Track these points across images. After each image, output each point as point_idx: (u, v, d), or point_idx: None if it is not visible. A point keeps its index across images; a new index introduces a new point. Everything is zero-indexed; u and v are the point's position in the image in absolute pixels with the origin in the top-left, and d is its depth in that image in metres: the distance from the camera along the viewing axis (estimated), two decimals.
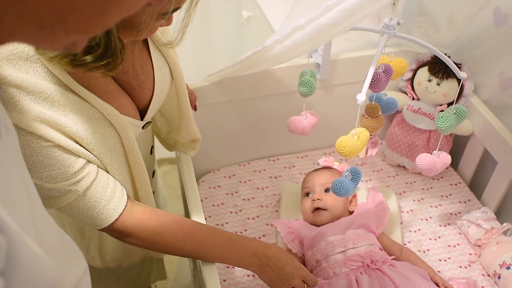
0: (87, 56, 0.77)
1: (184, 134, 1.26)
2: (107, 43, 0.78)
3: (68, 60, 0.78)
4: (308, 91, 1.21)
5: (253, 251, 1.08)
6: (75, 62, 0.78)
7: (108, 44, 0.78)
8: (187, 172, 1.26)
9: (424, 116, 1.55)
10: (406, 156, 1.62)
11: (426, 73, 1.53)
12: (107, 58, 0.79)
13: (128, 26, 0.80)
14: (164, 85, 1.08)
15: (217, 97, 1.46)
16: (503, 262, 1.31)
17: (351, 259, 1.23)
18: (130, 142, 0.98)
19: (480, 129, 1.50)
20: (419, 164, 1.18)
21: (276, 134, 1.63)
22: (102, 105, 0.91)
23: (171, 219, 1.03)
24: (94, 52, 0.77)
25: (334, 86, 1.56)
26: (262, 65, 1.28)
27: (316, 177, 1.41)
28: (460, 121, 1.12)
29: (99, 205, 0.93)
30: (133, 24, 0.80)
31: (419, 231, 1.48)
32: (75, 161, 0.88)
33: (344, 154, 1.02)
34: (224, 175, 1.62)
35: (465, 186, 1.59)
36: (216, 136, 1.56)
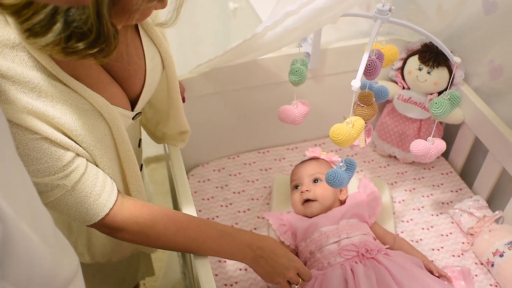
0: (80, 43, 0.74)
1: (173, 126, 1.23)
2: (99, 29, 0.75)
3: (60, 48, 0.74)
4: (299, 80, 1.18)
5: (247, 243, 1.06)
6: (68, 50, 0.75)
7: (100, 30, 0.75)
8: (177, 165, 1.24)
9: (415, 105, 1.54)
10: (397, 146, 1.60)
11: (416, 62, 1.52)
12: (101, 44, 0.76)
13: (120, 9, 0.77)
14: (155, 74, 1.05)
15: (205, 88, 1.43)
16: (496, 250, 1.31)
17: (345, 249, 1.22)
18: (120, 134, 0.95)
19: (471, 117, 1.49)
20: (413, 150, 1.17)
21: (266, 126, 1.61)
22: (92, 96, 0.88)
23: (162, 213, 1.01)
24: (86, 38, 0.74)
25: (324, 76, 1.54)
26: (252, 53, 1.25)
27: (303, 168, 1.39)
28: (454, 107, 1.11)
29: (88, 200, 0.90)
30: (125, 6, 0.77)
31: (411, 221, 1.46)
32: (63, 154, 0.85)
33: (338, 142, 1.00)
34: (214, 168, 1.59)
35: (456, 175, 1.59)
36: (205, 129, 1.53)
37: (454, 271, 1.28)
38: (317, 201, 1.32)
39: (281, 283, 1.08)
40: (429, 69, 1.49)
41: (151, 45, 1.02)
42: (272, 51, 1.31)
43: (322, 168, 1.38)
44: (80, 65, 0.87)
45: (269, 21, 1.09)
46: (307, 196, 1.33)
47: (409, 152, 1.59)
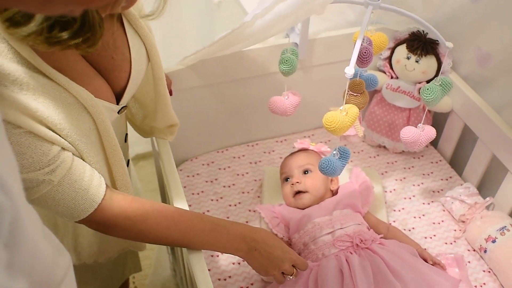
0: (64, 33, 0.72)
1: (161, 120, 1.21)
2: (84, 17, 0.72)
3: (43, 38, 0.71)
4: (289, 69, 1.17)
5: (240, 235, 1.04)
6: (51, 40, 0.72)
7: (85, 18, 0.72)
8: (166, 159, 1.21)
9: (404, 94, 1.53)
10: (386, 136, 1.60)
11: (404, 50, 1.51)
12: (85, 33, 0.74)
13: None
14: (140, 66, 1.02)
15: (193, 81, 1.41)
16: (489, 236, 1.31)
17: (340, 239, 1.21)
18: (105, 128, 0.92)
19: (460, 105, 1.49)
20: (403, 137, 1.16)
21: (254, 118, 1.59)
22: (76, 89, 0.85)
23: (153, 207, 0.98)
24: (70, 27, 0.72)
25: (313, 66, 1.53)
26: (240, 43, 1.23)
27: (292, 160, 1.38)
28: (445, 93, 1.10)
29: (76, 195, 0.87)
30: None
31: (403, 210, 1.46)
32: (49, 148, 0.82)
33: (331, 130, 0.99)
34: (203, 162, 1.57)
35: (445, 163, 1.59)
36: (193, 123, 1.51)
37: (448, 259, 1.28)
38: (308, 192, 1.31)
39: (276, 275, 1.06)
40: (417, 57, 1.49)
41: (136, 37, 1.00)
42: (260, 41, 1.29)
43: (311, 159, 1.36)
44: (63, 57, 0.84)
45: (259, 9, 1.07)
46: (298, 188, 1.32)
47: (398, 141, 1.59)
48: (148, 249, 2.12)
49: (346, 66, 1.57)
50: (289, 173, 1.36)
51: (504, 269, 1.26)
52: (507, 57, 1.39)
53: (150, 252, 2.11)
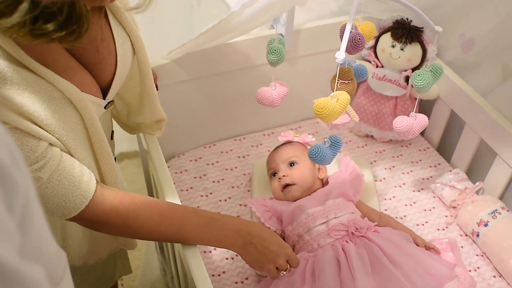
0: (49, 25, 0.69)
1: (148, 115, 1.18)
2: (71, 9, 0.69)
3: (27, 30, 0.68)
4: (277, 59, 1.16)
5: (235, 229, 1.02)
6: (36, 32, 0.69)
7: (72, 10, 0.70)
8: (155, 154, 1.19)
9: (390, 83, 1.53)
10: (373, 125, 1.60)
11: (389, 39, 1.51)
12: (72, 25, 0.71)
13: None
14: (126, 60, 1.00)
15: (178, 75, 1.39)
16: (481, 220, 1.31)
17: (334, 228, 1.20)
18: (92, 123, 0.90)
19: (446, 91, 1.50)
20: (396, 127, 1.16)
21: (241, 112, 1.57)
22: (61, 82, 0.82)
23: (145, 202, 0.96)
24: (55, 19, 0.69)
25: (298, 57, 1.52)
26: (227, 34, 1.21)
27: (277, 155, 1.37)
28: (436, 78, 1.10)
29: (66, 192, 0.85)
30: None
31: (394, 198, 1.46)
32: (36, 144, 0.79)
33: (322, 117, 0.98)
34: (190, 158, 1.55)
35: (433, 150, 1.59)
36: (179, 118, 1.48)
37: (442, 243, 1.28)
38: (296, 184, 1.30)
39: (271, 270, 1.05)
40: (402, 45, 1.49)
41: (121, 30, 0.97)
42: (247, 31, 1.27)
43: (296, 151, 1.35)
44: (46, 51, 0.81)
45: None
46: (285, 181, 1.30)
47: (386, 130, 1.59)
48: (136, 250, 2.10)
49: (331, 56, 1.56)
50: (275, 168, 1.34)
51: (497, 252, 1.26)
52: (490, 42, 1.39)
53: (138, 253, 2.08)
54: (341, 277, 1.12)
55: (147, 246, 1.97)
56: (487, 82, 1.42)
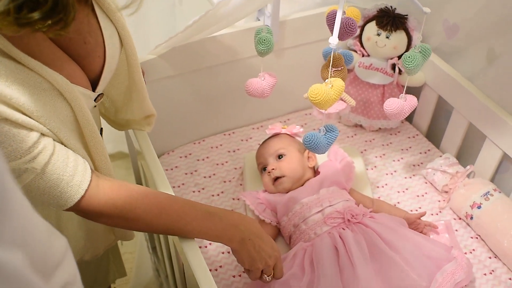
0: (34, 13, 0.67)
1: (137, 110, 1.16)
2: None
3: (11, 19, 0.66)
4: (267, 49, 1.15)
5: (234, 224, 1.00)
6: (21, 21, 0.67)
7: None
8: (147, 150, 1.17)
9: (377, 71, 1.53)
10: (362, 115, 1.60)
11: (374, 27, 1.51)
12: (58, 13, 0.69)
13: None
14: (114, 52, 0.98)
15: (165, 70, 1.37)
16: (474, 202, 1.32)
17: (330, 217, 1.19)
18: (83, 114, 0.88)
19: (432, 77, 1.50)
20: (388, 109, 1.16)
21: (229, 107, 1.56)
22: (50, 73, 0.80)
23: (143, 194, 0.94)
24: (41, 7, 0.67)
25: (285, 49, 1.52)
26: (214, 25, 1.20)
27: (265, 149, 1.36)
28: (425, 60, 1.11)
29: (61, 182, 0.83)
30: None
31: (386, 185, 1.46)
32: (27, 135, 0.78)
33: (317, 103, 0.97)
34: (180, 155, 1.53)
35: (422, 137, 1.60)
36: (167, 115, 1.47)
37: (438, 225, 1.28)
38: (286, 176, 1.29)
39: (258, 270, 1.02)
40: (388, 33, 1.49)
41: (107, 21, 0.95)
42: (233, 22, 1.26)
43: (283, 143, 1.35)
44: (33, 42, 0.80)
45: None
46: (275, 174, 1.30)
47: (374, 119, 1.59)
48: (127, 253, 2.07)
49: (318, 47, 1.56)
50: (264, 162, 1.34)
51: (491, 233, 1.27)
52: (474, 27, 1.41)
53: (130, 256, 2.05)
54: (340, 265, 1.11)
55: (139, 247, 1.94)
56: (473, 67, 1.44)
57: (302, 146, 1.36)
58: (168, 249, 1.29)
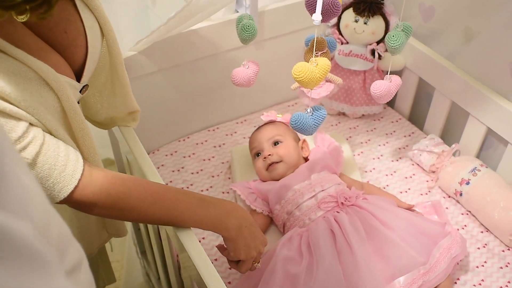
0: None
1: (121, 106, 1.14)
2: None
3: None
4: (251, 35, 1.14)
5: (228, 211, 0.99)
6: (5, 4, 0.65)
7: None
8: (134, 145, 1.15)
9: (357, 58, 1.54)
10: (345, 102, 1.61)
11: (351, 14, 1.52)
12: None
13: None
14: (96, 42, 0.96)
15: (146, 67, 1.35)
16: (462, 179, 1.34)
17: (324, 201, 1.19)
18: (70, 104, 0.86)
19: (412, 60, 1.52)
20: (375, 92, 1.16)
21: (212, 102, 1.55)
22: (35, 63, 0.79)
23: (137, 183, 0.92)
24: None
25: (265, 40, 1.51)
26: (196, 16, 1.19)
27: (261, 134, 1.35)
28: (408, 37, 1.12)
29: (54, 173, 0.80)
30: None
31: (374, 170, 1.47)
32: (16, 125, 0.76)
33: (301, 82, 0.97)
34: (165, 153, 1.51)
35: (405, 121, 1.62)
36: (150, 113, 1.44)
37: (425, 207, 1.29)
38: (282, 161, 1.29)
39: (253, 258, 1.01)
40: (365, 19, 1.50)
41: (88, 12, 0.94)
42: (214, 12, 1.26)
43: (280, 130, 1.34)
44: (14, 32, 0.78)
45: None
46: (271, 159, 1.29)
47: (357, 106, 1.60)
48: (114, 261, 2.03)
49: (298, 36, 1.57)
50: (259, 147, 1.33)
51: (482, 207, 1.29)
52: (449, 8, 1.43)
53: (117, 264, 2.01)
54: (337, 247, 1.11)
55: (127, 254, 1.91)
56: (451, 47, 1.46)
57: (297, 136, 1.36)
58: (160, 246, 1.27)
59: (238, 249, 1.00)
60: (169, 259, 1.23)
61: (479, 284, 1.19)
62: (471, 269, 1.22)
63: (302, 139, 1.37)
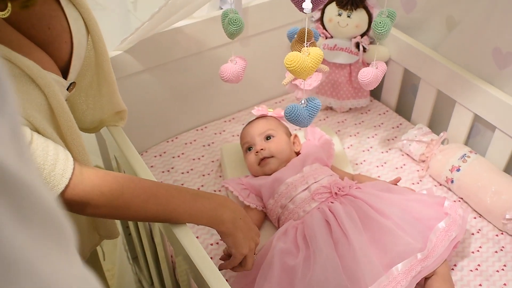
0: None
1: (107, 106, 1.12)
2: None
3: None
4: (238, 28, 1.13)
5: (222, 204, 0.98)
6: None
7: None
8: (123, 144, 1.13)
9: (342, 51, 1.55)
10: (331, 96, 1.61)
11: (334, 8, 1.53)
12: None
13: None
14: (82, 38, 0.94)
15: (132, 66, 1.34)
16: (452, 166, 1.34)
17: (317, 192, 1.18)
18: (58, 101, 0.84)
19: (397, 52, 1.53)
20: (363, 79, 1.16)
21: (199, 101, 1.54)
22: (20, 59, 0.76)
23: (129, 180, 0.90)
24: None
25: (250, 37, 1.51)
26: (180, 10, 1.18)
27: (252, 128, 1.34)
28: (393, 22, 1.12)
29: (43, 172, 0.78)
30: None
31: (364, 162, 1.47)
32: None
33: (293, 71, 0.97)
34: (154, 154, 1.49)
35: (392, 112, 1.62)
36: (137, 114, 1.42)
37: None
38: (274, 156, 1.28)
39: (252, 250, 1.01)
40: (349, 12, 1.51)
41: (71, 7, 0.92)
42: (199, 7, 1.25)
43: (271, 125, 1.33)
44: None
45: None
46: (263, 154, 1.28)
47: (344, 100, 1.60)
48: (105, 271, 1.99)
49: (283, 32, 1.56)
50: (251, 142, 1.32)
51: (474, 193, 1.29)
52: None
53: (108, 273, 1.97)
54: (334, 238, 1.10)
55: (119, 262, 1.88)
56: (434, 36, 1.47)
57: (288, 130, 1.36)
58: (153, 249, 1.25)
59: (238, 243, 0.98)
60: (164, 263, 1.21)
61: (475, 269, 1.19)
62: (466, 255, 1.22)
63: (293, 134, 1.36)
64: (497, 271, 1.18)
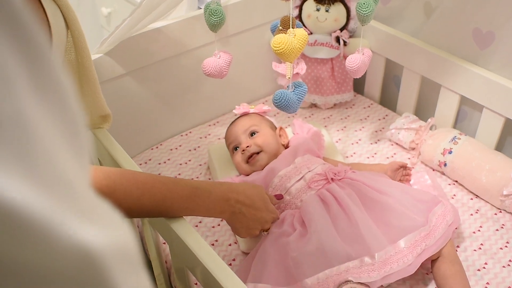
0: None
1: (91, 107, 1.08)
2: None
3: None
4: (219, 19, 1.12)
5: (224, 198, 0.95)
6: None
7: None
8: (110, 145, 1.09)
9: (322, 46, 1.54)
10: (315, 93, 1.59)
11: (312, 4, 1.53)
12: None
13: None
14: (61, 31, 0.90)
15: (113, 70, 1.30)
16: (444, 149, 1.33)
17: (313, 180, 1.15)
18: None
19: (377, 42, 1.53)
20: (351, 67, 1.15)
21: (182, 106, 1.51)
22: None
23: (121, 175, 0.86)
24: None
25: (229, 37, 1.49)
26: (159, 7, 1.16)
27: (236, 127, 1.31)
28: (376, 4, 1.11)
29: None
30: None
31: (355, 154, 1.45)
32: None
33: (281, 54, 0.95)
34: (140, 162, 1.44)
35: (377, 105, 1.62)
36: (120, 121, 1.37)
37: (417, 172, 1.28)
38: (263, 151, 1.24)
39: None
40: (326, 7, 1.51)
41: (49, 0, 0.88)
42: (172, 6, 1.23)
43: (255, 121, 1.31)
44: None
45: None
46: (250, 151, 1.24)
47: (328, 95, 1.59)
48: None
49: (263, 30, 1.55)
50: (236, 141, 1.28)
51: (468, 173, 1.28)
52: None
53: None
54: (332, 215, 1.07)
55: None
56: (413, 24, 1.48)
57: (273, 124, 1.33)
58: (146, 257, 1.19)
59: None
60: (158, 269, 1.16)
61: (479, 249, 1.17)
62: (468, 235, 1.20)
63: (278, 127, 1.34)
64: (501, 248, 1.16)
